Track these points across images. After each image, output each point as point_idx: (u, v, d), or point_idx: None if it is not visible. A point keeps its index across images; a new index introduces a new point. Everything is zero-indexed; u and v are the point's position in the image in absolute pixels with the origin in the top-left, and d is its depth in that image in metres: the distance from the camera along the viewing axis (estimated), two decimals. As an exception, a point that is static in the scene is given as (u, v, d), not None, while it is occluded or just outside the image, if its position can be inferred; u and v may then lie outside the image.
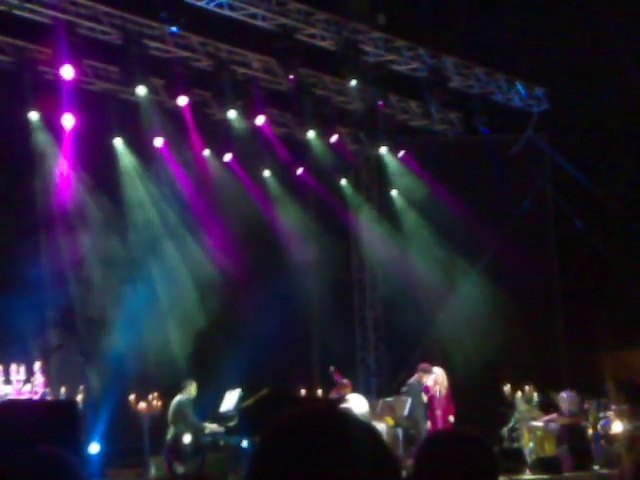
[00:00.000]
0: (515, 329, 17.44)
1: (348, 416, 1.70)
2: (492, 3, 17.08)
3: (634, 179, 18.05)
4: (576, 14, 16.83)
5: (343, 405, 13.33)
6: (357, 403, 13.87)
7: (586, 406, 15.03)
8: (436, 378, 14.17)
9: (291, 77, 15.41)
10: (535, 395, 15.62)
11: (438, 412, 14.04)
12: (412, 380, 14.53)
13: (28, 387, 12.01)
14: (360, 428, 1.68)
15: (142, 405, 13.68)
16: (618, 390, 14.90)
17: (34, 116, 14.04)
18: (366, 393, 16.11)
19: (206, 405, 13.34)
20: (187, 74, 14.98)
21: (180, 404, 12.92)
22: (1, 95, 13.63)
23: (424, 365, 14.60)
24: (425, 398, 14.29)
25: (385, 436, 13.60)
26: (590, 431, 14.68)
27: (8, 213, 14.35)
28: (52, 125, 14.28)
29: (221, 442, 12.71)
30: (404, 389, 14.51)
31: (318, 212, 18.12)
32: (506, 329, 17.23)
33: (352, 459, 1.60)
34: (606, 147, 18.22)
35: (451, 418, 14.24)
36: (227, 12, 14.23)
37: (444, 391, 14.23)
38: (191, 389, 13.08)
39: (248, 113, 15.88)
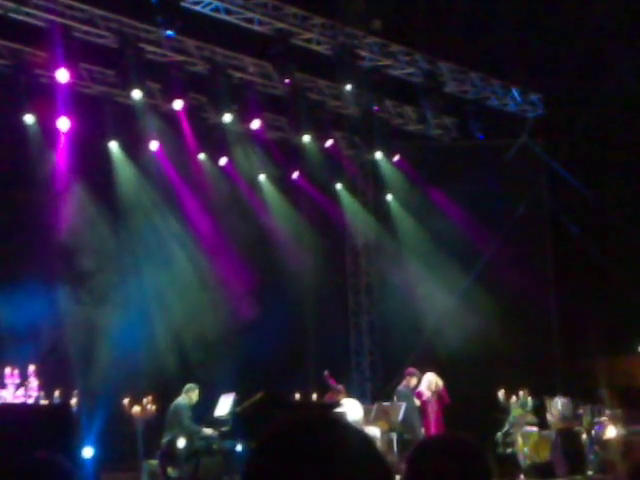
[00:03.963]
0: (510, 334, 17.46)
1: (342, 423, 1.71)
2: (488, 9, 17.11)
3: (629, 184, 18.08)
4: (571, 20, 16.87)
5: (337, 410, 13.33)
6: (351, 408, 13.86)
7: (580, 411, 15.04)
8: (429, 384, 14.11)
9: (287, 81, 15.42)
10: (529, 400, 15.63)
11: (431, 417, 14.02)
12: (401, 387, 14.53)
13: (22, 391, 11.98)
14: (354, 435, 1.69)
15: (136, 409, 13.65)
16: (612, 395, 14.91)
17: (30, 119, 14.01)
18: (361, 398, 16.12)
19: (201, 409, 13.31)
20: (183, 78, 14.98)
21: (177, 407, 12.89)
22: (-3, 98, 13.64)
23: (410, 369, 14.63)
24: (418, 402, 14.29)
25: (379, 441, 13.60)
26: (584, 436, 14.69)
27: (2, 216, 14.32)
28: (48, 128, 14.27)
29: (215, 446, 12.67)
30: (395, 396, 14.50)
31: (313, 216, 18.13)
32: (501, 333, 17.25)
33: (345, 467, 1.61)
34: (601, 152, 18.25)
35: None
36: (223, 16, 14.24)
37: (441, 391, 14.11)
38: (192, 394, 13.02)
39: (243, 117, 15.89)
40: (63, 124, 14.15)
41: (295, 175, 17.89)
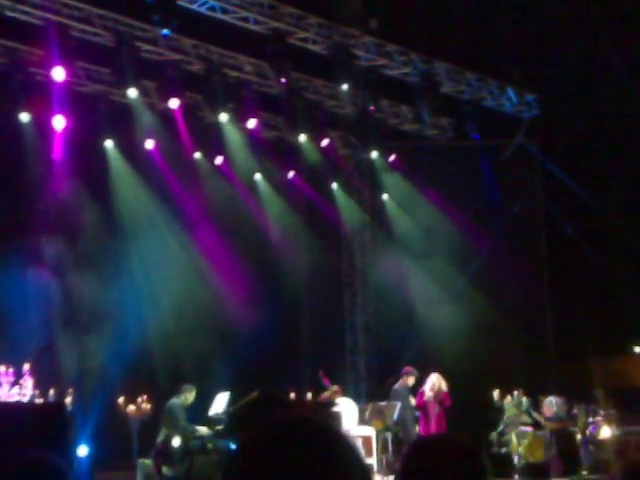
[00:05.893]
0: (505, 334, 17.49)
1: (321, 425, 1.70)
2: (484, 9, 17.12)
3: (624, 185, 18.11)
4: (567, 20, 16.90)
5: (332, 409, 13.34)
6: (346, 407, 13.87)
7: (575, 411, 15.07)
8: (432, 385, 14.04)
9: (283, 81, 15.40)
10: (524, 400, 15.65)
11: (432, 417, 13.96)
12: (397, 386, 14.51)
13: (16, 389, 11.96)
14: (333, 437, 1.68)
15: (131, 408, 13.65)
16: (606, 396, 14.95)
17: (25, 117, 13.99)
18: (356, 397, 16.12)
19: (196, 408, 13.31)
20: (179, 77, 14.96)
21: (172, 407, 12.88)
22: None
23: (407, 368, 14.62)
24: (413, 401, 14.28)
25: (374, 440, 13.62)
26: (579, 436, 14.72)
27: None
28: (43, 126, 14.25)
29: (210, 445, 12.68)
30: (391, 394, 14.50)
31: (309, 216, 18.14)
32: (496, 334, 17.27)
33: (324, 469, 1.61)
34: (597, 153, 18.28)
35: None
36: (219, 15, 14.23)
37: (441, 394, 14.02)
38: (189, 395, 13.00)
39: (240, 116, 15.89)
40: (59, 122, 14.12)
41: (291, 174, 17.89)
